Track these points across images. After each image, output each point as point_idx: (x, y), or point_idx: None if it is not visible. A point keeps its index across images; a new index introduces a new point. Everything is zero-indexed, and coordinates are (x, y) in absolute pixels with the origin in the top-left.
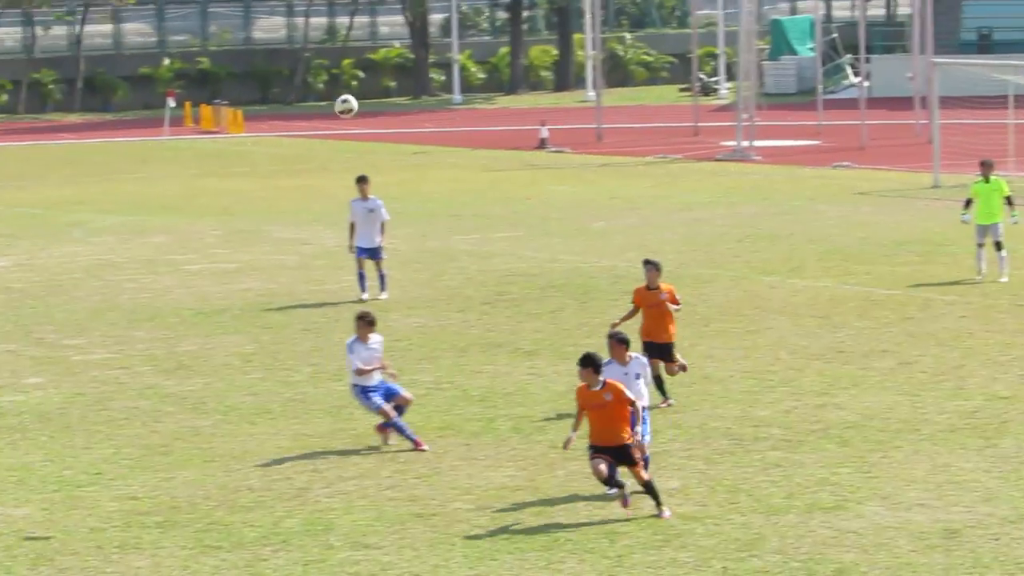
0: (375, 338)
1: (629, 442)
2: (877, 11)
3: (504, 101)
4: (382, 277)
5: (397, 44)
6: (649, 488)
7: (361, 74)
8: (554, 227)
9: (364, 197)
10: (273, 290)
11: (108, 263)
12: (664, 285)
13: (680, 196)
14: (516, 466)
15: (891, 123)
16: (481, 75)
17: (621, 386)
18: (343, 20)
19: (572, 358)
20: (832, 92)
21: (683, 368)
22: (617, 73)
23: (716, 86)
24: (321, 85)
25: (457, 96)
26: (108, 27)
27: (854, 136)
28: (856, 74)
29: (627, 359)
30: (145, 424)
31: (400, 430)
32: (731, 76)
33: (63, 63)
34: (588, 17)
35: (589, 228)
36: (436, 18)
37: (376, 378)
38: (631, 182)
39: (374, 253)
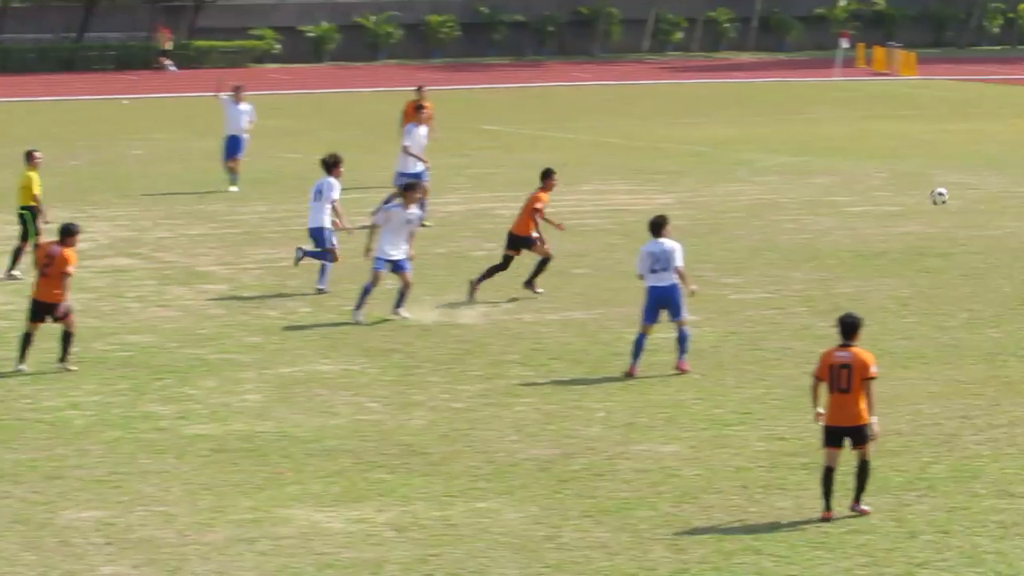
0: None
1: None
2: None
3: None
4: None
5: None
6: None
7: None
8: None
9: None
10: (933, 234)
11: (770, 203)
12: None
13: None
14: None
15: None
16: None
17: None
18: None
19: None
20: None
21: None
22: None
23: None
24: (996, 29)
25: None
26: None
27: None
28: None
29: None
30: (797, 365)
31: None
32: None
33: (740, 1)
34: None
35: None
36: None
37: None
38: None
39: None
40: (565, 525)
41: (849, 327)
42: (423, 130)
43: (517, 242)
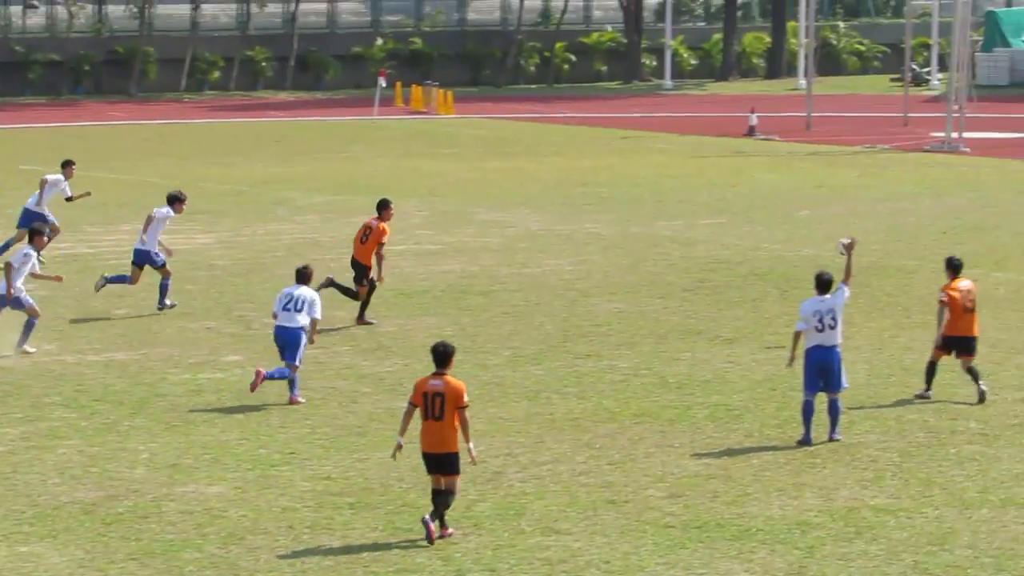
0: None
1: None
2: None
3: (715, 88)
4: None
5: (610, 28)
6: None
7: (573, 58)
8: (758, 215)
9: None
10: (475, 272)
11: (312, 242)
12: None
13: (886, 186)
14: (711, 454)
15: None
16: (693, 61)
17: None
18: (557, 3)
19: (772, 347)
20: None
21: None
22: (829, 62)
23: (927, 77)
24: (533, 68)
25: (668, 82)
26: (323, 6)
27: None
28: None
29: None
30: (342, 405)
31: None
32: (943, 67)
33: (276, 41)
34: (803, 5)
35: (794, 216)
36: (650, 3)
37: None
38: (838, 171)
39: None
40: (110, 568)
41: (442, 356)
42: None
43: (361, 271)
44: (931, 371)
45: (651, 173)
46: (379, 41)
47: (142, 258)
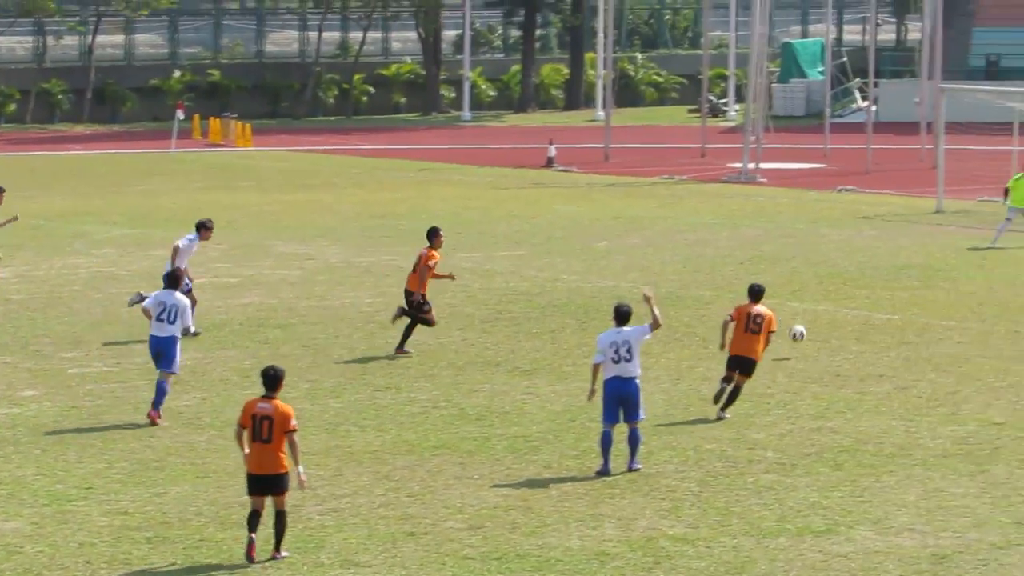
0: None
1: None
2: (887, 36)
3: (513, 119)
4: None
5: (409, 60)
6: None
7: (372, 89)
8: (557, 246)
9: None
10: (273, 305)
11: (110, 276)
12: None
13: (684, 217)
14: (510, 485)
15: (897, 148)
16: (492, 93)
17: None
18: (356, 35)
19: (570, 378)
20: (840, 116)
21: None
22: (627, 93)
23: (725, 108)
24: (331, 100)
25: (467, 113)
26: (120, 38)
27: (860, 160)
28: (864, 98)
29: None
30: (139, 439)
31: None
32: (740, 98)
33: (73, 73)
34: (600, 36)
35: (592, 248)
36: (449, 35)
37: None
38: (636, 202)
39: None
40: None
41: (272, 380)
42: None
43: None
44: (724, 390)
45: (450, 205)
46: (177, 73)
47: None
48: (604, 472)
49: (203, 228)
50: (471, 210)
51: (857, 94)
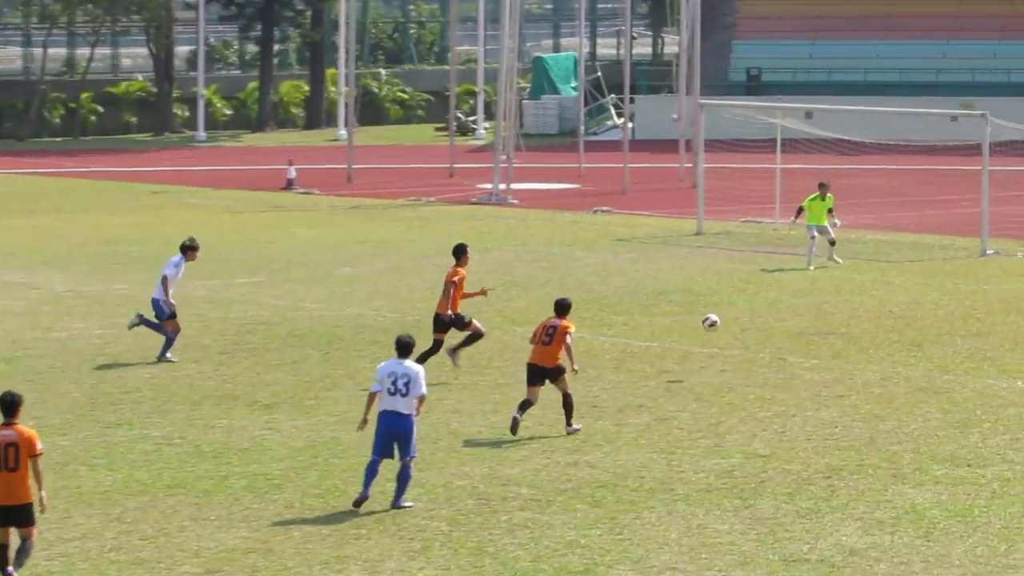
0: None
1: None
2: (643, 50)
3: (251, 139)
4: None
5: (140, 77)
6: None
7: (100, 109)
8: (298, 273)
9: None
10: None
11: None
12: None
13: (432, 241)
14: (249, 527)
15: (655, 166)
16: (228, 111)
17: None
18: (83, 51)
19: (313, 412)
20: (595, 133)
21: None
22: (371, 111)
23: (474, 126)
24: (57, 120)
25: (201, 133)
26: None
27: (616, 180)
28: (620, 115)
29: None
30: None
31: None
32: (490, 115)
33: None
34: (342, 52)
35: (335, 274)
36: (182, 51)
37: None
38: (381, 226)
39: None
40: None
41: (10, 405)
42: None
43: (441, 324)
44: (517, 421)
45: (185, 229)
46: None
47: (156, 307)
48: (362, 498)
49: (189, 249)
50: (206, 235)
51: (612, 111)
